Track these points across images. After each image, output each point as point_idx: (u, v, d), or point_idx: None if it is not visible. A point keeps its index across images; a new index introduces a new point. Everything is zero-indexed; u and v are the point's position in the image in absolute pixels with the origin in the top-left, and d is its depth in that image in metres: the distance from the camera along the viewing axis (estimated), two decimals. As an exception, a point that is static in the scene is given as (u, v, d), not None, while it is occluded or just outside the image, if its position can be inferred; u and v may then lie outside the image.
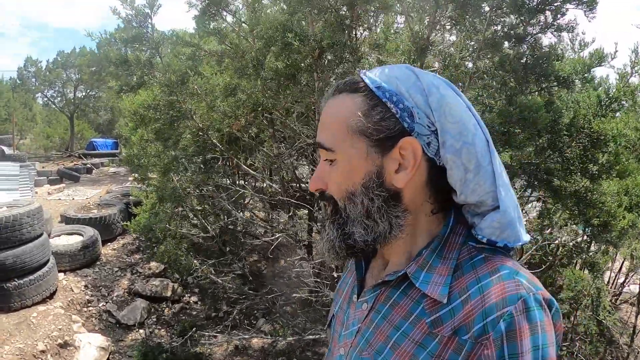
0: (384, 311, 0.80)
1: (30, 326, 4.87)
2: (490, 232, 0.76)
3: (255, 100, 3.07)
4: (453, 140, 0.75)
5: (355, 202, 0.80)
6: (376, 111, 0.77)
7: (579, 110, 2.88)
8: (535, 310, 0.67)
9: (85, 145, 26.31)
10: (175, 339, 5.60)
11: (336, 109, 0.81)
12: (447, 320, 0.71)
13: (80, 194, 11.79)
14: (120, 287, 6.43)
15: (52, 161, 21.22)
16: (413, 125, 0.76)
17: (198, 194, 5.14)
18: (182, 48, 3.88)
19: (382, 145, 0.77)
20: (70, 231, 6.99)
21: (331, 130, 0.81)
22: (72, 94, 28.23)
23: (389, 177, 0.78)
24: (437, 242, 0.79)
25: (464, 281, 0.73)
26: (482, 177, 0.76)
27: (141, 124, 4.78)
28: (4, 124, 24.89)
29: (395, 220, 0.79)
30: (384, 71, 0.80)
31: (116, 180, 14.94)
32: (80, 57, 25.74)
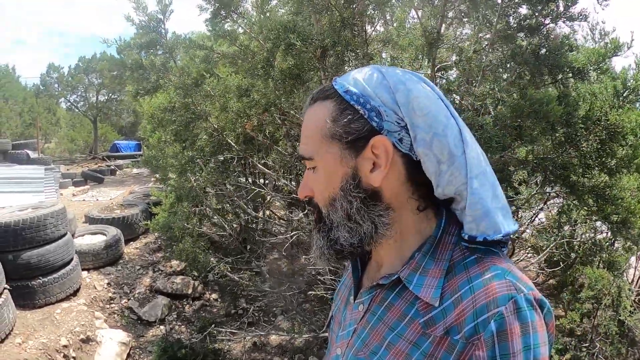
0: (380, 312, 0.81)
1: (53, 322, 5.02)
2: (469, 227, 0.76)
3: (267, 100, 3.10)
4: (423, 133, 0.75)
5: (336, 207, 0.81)
6: (345, 114, 0.78)
7: (594, 102, 2.81)
8: (526, 310, 0.67)
9: (109, 148, 26.93)
10: (195, 335, 5.69)
11: (313, 118, 0.83)
12: (439, 320, 0.72)
13: (104, 195, 12.06)
14: (142, 284, 6.56)
15: (76, 163, 21.77)
16: (382, 124, 0.77)
17: (216, 193, 5.21)
18: (196, 51, 3.94)
19: (354, 147, 0.78)
20: (94, 231, 7.18)
21: (309, 139, 0.83)
22: (95, 98, 28.93)
23: (365, 177, 0.79)
24: (430, 244, 0.79)
25: (456, 282, 0.73)
26: (456, 168, 0.76)
27: (159, 126, 4.88)
28: (29, 128, 25.61)
29: (378, 219, 0.79)
30: (353, 75, 0.82)
31: (139, 181, 15.22)
32: (101, 62, 26.30)
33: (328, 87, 0.84)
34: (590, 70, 2.75)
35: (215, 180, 4.47)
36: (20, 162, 14.74)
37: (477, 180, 0.76)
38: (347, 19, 2.55)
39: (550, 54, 2.65)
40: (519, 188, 4.32)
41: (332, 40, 2.48)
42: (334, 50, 2.60)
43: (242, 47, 3.19)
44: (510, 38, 2.85)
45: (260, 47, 3.13)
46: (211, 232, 5.25)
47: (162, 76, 3.65)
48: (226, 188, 4.81)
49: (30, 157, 15.89)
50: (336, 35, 2.51)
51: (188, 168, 4.19)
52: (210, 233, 5.20)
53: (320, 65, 2.63)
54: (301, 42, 2.46)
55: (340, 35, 2.53)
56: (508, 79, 3.04)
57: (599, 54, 2.74)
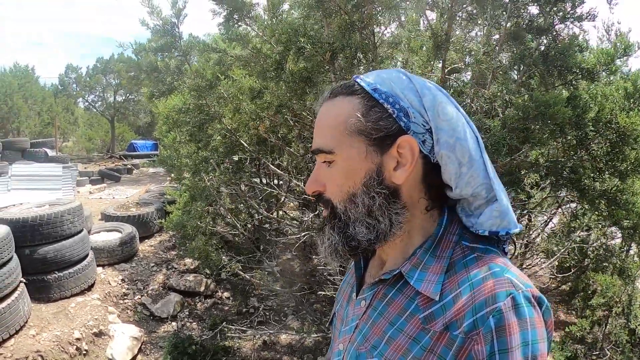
0: (381, 308, 0.83)
1: (67, 315, 5.16)
2: (492, 223, 0.80)
3: (279, 102, 3.16)
4: (447, 136, 0.79)
5: (356, 202, 0.82)
6: (373, 111, 0.80)
7: (604, 104, 2.80)
8: (525, 307, 0.69)
9: (126, 147, 27.35)
10: (206, 332, 5.78)
11: (333, 112, 0.84)
12: (439, 316, 0.74)
13: (120, 193, 12.27)
14: (155, 281, 6.68)
15: (93, 162, 22.16)
16: (409, 124, 0.80)
17: (230, 193, 5.30)
18: (210, 54, 4.02)
19: (380, 144, 0.80)
20: (110, 228, 7.32)
21: (329, 132, 0.83)
22: (112, 98, 29.44)
23: (388, 175, 0.81)
24: (431, 242, 0.82)
25: (456, 279, 0.75)
26: (476, 170, 0.80)
27: (174, 126, 4.99)
28: (47, 127, 26.20)
29: (395, 217, 0.81)
30: (379, 75, 0.84)
31: (155, 180, 15.44)
32: (119, 63, 26.77)
33: (351, 83, 0.85)
34: (599, 71, 2.74)
35: (228, 180, 4.55)
36: (38, 160, 15.10)
37: (496, 180, 0.81)
38: (356, 22, 2.60)
39: (559, 55, 2.65)
40: (531, 192, 4.31)
41: (341, 44, 2.53)
42: (343, 54, 2.65)
43: (254, 50, 3.26)
44: (519, 38, 2.86)
45: (272, 50, 3.21)
46: (224, 231, 5.33)
47: (176, 78, 3.74)
48: (240, 188, 4.89)
49: (49, 155, 16.26)
50: (345, 39, 2.55)
51: (202, 168, 4.27)
52: (223, 232, 5.28)
53: (330, 68, 2.69)
54: (311, 46, 2.52)
55: (349, 38, 2.58)
56: (518, 81, 3.04)
57: (608, 54, 2.73)
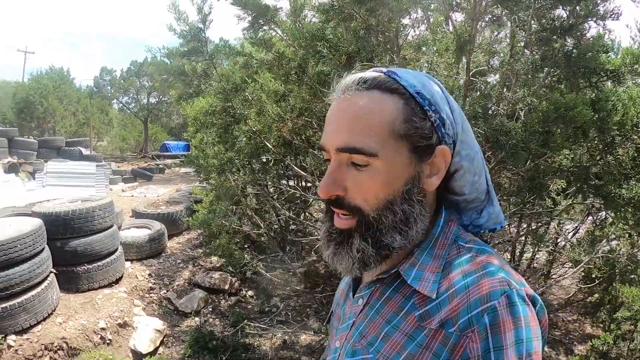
0: (378, 306, 0.84)
1: (94, 306, 5.37)
2: (490, 222, 0.90)
3: (301, 105, 3.23)
4: (469, 149, 0.84)
5: (395, 210, 0.79)
6: (419, 118, 0.78)
7: (629, 106, 2.73)
8: (519, 305, 0.70)
9: (159, 147, 28.10)
10: (227, 328, 5.90)
11: (374, 108, 0.77)
12: (434, 313, 0.75)
13: (151, 192, 12.63)
14: (181, 277, 6.86)
15: (126, 161, 22.88)
16: (444, 134, 0.81)
17: (256, 193, 5.41)
18: (236, 57, 4.14)
19: (421, 152, 0.79)
20: (139, 225, 7.56)
21: (372, 132, 0.76)
22: (146, 100, 30.35)
23: (424, 182, 0.82)
24: (428, 242, 0.83)
25: (452, 277, 0.77)
26: (482, 179, 0.87)
27: (201, 128, 5.15)
28: (82, 127, 27.20)
29: (422, 223, 0.82)
30: (416, 77, 0.81)
31: (186, 180, 15.81)
32: (152, 66, 27.56)
33: (387, 79, 0.79)
34: (625, 72, 2.68)
35: (254, 180, 4.65)
36: (73, 158, 15.70)
37: (490, 187, 0.90)
38: (373, 26, 2.63)
39: (582, 56, 2.60)
40: (557, 198, 4.21)
41: (356, 47, 2.57)
42: (359, 57, 2.68)
43: (277, 54, 3.35)
44: (545, 40, 2.82)
45: (294, 54, 3.29)
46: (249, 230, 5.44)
47: (203, 82, 3.87)
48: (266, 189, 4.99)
49: (83, 154, 16.89)
50: (360, 43, 2.59)
51: (227, 168, 4.39)
52: (249, 231, 5.39)
53: (347, 71, 2.73)
54: (327, 50, 2.56)
55: (365, 42, 2.61)
56: (542, 83, 3.01)
57: (634, 54, 2.66)
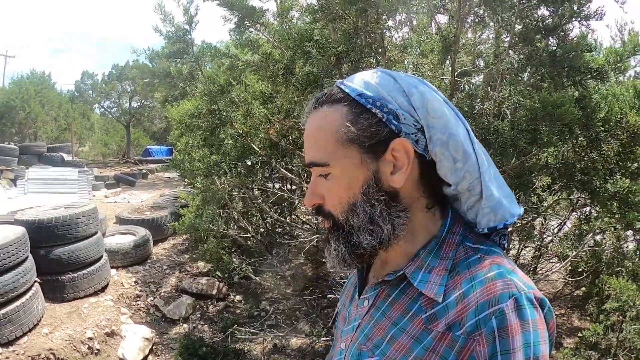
0: (384, 308, 0.83)
1: (80, 315, 5.26)
2: (487, 220, 0.81)
3: (288, 106, 3.22)
4: (440, 134, 0.79)
5: (358, 212, 0.81)
6: (362, 118, 0.79)
7: (613, 103, 2.79)
8: (527, 308, 0.69)
9: (141, 152, 27.77)
10: (217, 334, 5.84)
11: (321, 123, 0.82)
12: (441, 316, 0.74)
13: (135, 198, 12.45)
14: (168, 284, 6.78)
15: (109, 167, 22.54)
16: (400, 127, 0.79)
17: (242, 196, 5.37)
18: (222, 60, 4.11)
19: (374, 150, 0.80)
20: (124, 231, 7.44)
21: (321, 145, 0.82)
22: (128, 104, 29.94)
23: (386, 180, 0.81)
24: (435, 243, 0.82)
25: (459, 279, 0.76)
26: (470, 165, 0.80)
27: (186, 131, 5.09)
28: (64, 133, 26.75)
29: (397, 221, 0.81)
30: (363, 78, 0.83)
31: (170, 185, 15.62)
32: (134, 70, 27.23)
33: (334, 90, 0.84)
34: (608, 70, 2.74)
35: (240, 183, 4.62)
36: (55, 164, 15.42)
37: (486, 174, 0.81)
38: (361, 27, 2.64)
39: (566, 55, 2.66)
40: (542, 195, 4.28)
41: (345, 48, 2.57)
42: (348, 58, 2.69)
43: (264, 55, 3.33)
44: (528, 40, 2.87)
45: (281, 55, 3.27)
46: (236, 234, 5.40)
47: (188, 84, 3.83)
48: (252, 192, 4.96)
49: (65, 159, 16.60)
50: (349, 43, 2.60)
51: (214, 171, 4.35)
52: (235, 235, 5.35)
53: (336, 71, 2.74)
54: (317, 50, 2.56)
55: (354, 43, 2.62)
56: (527, 82, 3.05)
57: (617, 53, 2.72)
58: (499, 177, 0.85)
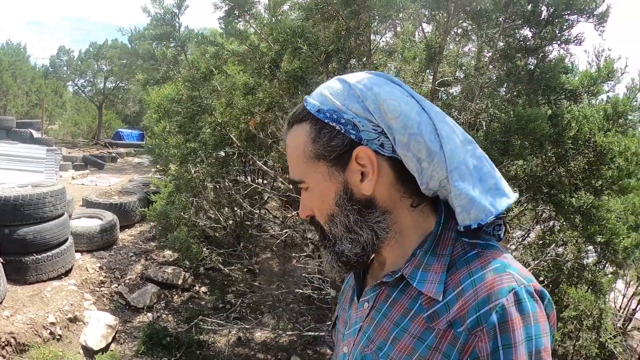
0: (384, 309, 0.84)
1: (43, 299, 5.14)
2: (462, 218, 0.79)
3: (271, 99, 3.25)
4: (400, 135, 0.78)
5: (335, 222, 0.85)
6: (323, 133, 0.81)
7: (584, 123, 2.95)
8: (527, 302, 0.70)
9: (112, 135, 27.13)
10: (181, 325, 5.81)
11: (292, 142, 0.86)
12: (442, 314, 0.75)
13: (103, 181, 12.19)
14: (133, 271, 6.69)
15: (78, 147, 21.95)
16: (360, 135, 0.79)
17: (214, 187, 5.36)
18: (207, 47, 4.10)
19: (339, 163, 0.81)
20: (91, 215, 7.29)
21: (294, 163, 0.87)
22: (102, 84, 29.18)
23: (357, 189, 0.82)
24: (430, 241, 0.82)
25: (458, 276, 0.76)
26: (437, 163, 0.78)
27: (165, 116, 5.04)
28: (35, 108, 25.85)
29: (377, 226, 0.82)
30: (321, 92, 0.84)
31: (139, 170, 15.35)
32: (112, 49, 26.57)
33: (300, 108, 0.86)
34: (582, 92, 2.90)
35: (214, 173, 4.61)
36: (23, 140, 14.90)
37: (456, 172, 0.78)
38: (352, 28, 2.70)
39: (544, 75, 2.79)
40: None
41: (335, 47, 2.63)
42: (337, 57, 2.75)
43: (251, 46, 3.35)
44: (509, 57, 3.00)
45: (269, 48, 3.30)
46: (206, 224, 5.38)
47: (172, 68, 3.81)
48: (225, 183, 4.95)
49: (34, 136, 16.06)
50: (340, 43, 2.66)
51: (189, 159, 4.34)
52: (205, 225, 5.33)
53: (324, 69, 2.79)
54: (307, 47, 2.61)
55: (344, 43, 2.68)
56: (504, 97, 3.19)
57: (591, 77, 2.88)
58: (482, 168, 0.82)
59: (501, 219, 0.83)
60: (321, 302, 4.14)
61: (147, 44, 6.32)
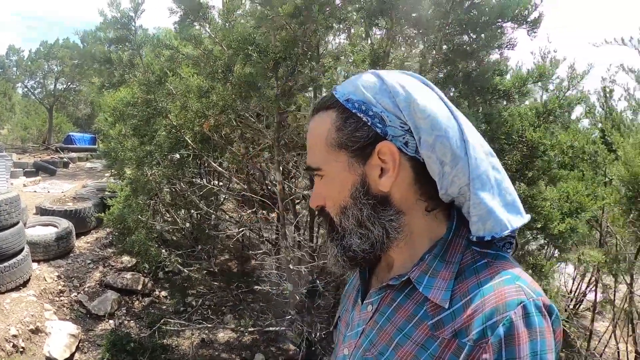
0: (388, 313, 0.83)
1: (3, 312, 5.07)
2: (476, 228, 0.79)
3: (224, 102, 3.41)
4: (426, 135, 0.77)
5: (347, 215, 0.83)
6: (348, 123, 0.81)
7: (516, 121, 3.28)
8: (535, 316, 0.69)
9: (63, 139, 26.23)
10: (144, 330, 5.85)
11: (315, 129, 0.86)
12: (448, 323, 0.74)
13: (56, 188, 11.90)
14: (92, 279, 6.64)
15: (28, 153, 21.17)
16: (386, 129, 0.79)
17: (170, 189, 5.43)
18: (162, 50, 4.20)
19: (361, 155, 0.81)
20: (45, 222, 7.15)
21: (314, 150, 0.86)
22: (53, 85, 28.15)
23: (374, 184, 0.81)
24: (440, 247, 0.81)
25: (466, 285, 0.75)
26: (460, 169, 0.78)
27: (120, 119, 5.08)
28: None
29: (389, 224, 0.81)
30: (352, 82, 0.84)
31: (92, 176, 15.01)
32: (64, 49, 25.70)
33: (329, 96, 0.86)
34: (514, 93, 3.22)
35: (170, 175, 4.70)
36: (-31, 147, 14.27)
37: (478, 180, 0.78)
38: (300, 36, 2.91)
39: (478, 77, 3.08)
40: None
41: (283, 55, 2.83)
42: (285, 64, 2.95)
43: (205, 51, 3.50)
44: (450, 61, 3.28)
45: (222, 52, 3.45)
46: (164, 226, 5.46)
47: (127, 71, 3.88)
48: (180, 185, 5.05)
49: (-20, 143, 15.41)
50: (287, 51, 2.86)
51: (146, 161, 4.42)
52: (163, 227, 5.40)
53: (273, 75, 2.98)
54: (257, 54, 2.79)
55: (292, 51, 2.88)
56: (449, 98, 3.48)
57: (522, 78, 3.20)
58: (502, 183, 0.81)
59: (513, 237, 0.82)
60: (279, 297, 4.33)
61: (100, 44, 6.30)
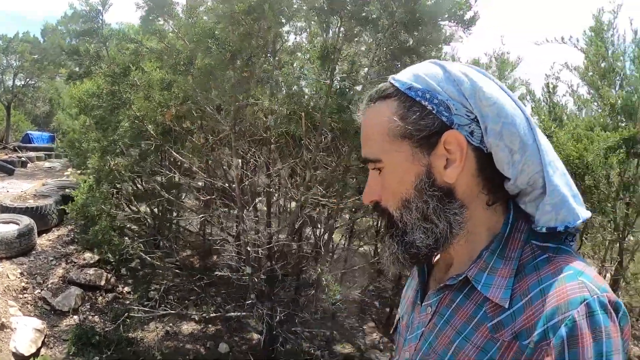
0: (447, 315, 0.82)
1: (-33, 309, 5.19)
2: (548, 218, 0.77)
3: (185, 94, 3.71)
4: (493, 123, 0.76)
5: (410, 208, 0.81)
6: (412, 111, 0.78)
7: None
8: (599, 315, 0.66)
9: (21, 138, 25.59)
10: (108, 324, 6.02)
11: (373, 119, 0.83)
12: (508, 324, 0.72)
13: (15, 187, 11.77)
14: (55, 275, 6.78)
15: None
16: (452, 118, 0.77)
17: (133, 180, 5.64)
18: (127, 44, 4.45)
19: (425, 144, 0.78)
20: (6, 220, 7.23)
21: (372, 141, 0.83)
22: (11, 81, 27.40)
23: (439, 175, 0.79)
24: (498, 242, 0.79)
25: (526, 283, 0.74)
26: (530, 157, 0.77)
27: (84, 110, 5.27)
28: (-64, 111, 23.76)
29: (453, 218, 0.79)
30: (412, 71, 0.83)
31: (51, 175, 14.87)
32: (24, 43, 25.08)
33: (386, 85, 0.84)
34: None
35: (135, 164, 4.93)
36: None
37: (550, 167, 0.77)
38: (254, 32, 3.25)
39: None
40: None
41: (239, 48, 3.16)
42: (240, 56, 3.28)
43: (169, 44, 3.78)
44: (394, 57, 3.67)
45: (184, 46, 3.75)
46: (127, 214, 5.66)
47: (94, 63, 4.11)
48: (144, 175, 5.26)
49: None
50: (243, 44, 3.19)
51: (109, 150, 4.64)
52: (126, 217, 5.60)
53: (231, 66, 3.31)
54: (216, 47, 3.11)
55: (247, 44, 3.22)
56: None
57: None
58: (566, 173, 0.81)
59: (578, 230, 0.80)
60: (239, 281, 4.62)
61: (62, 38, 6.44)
